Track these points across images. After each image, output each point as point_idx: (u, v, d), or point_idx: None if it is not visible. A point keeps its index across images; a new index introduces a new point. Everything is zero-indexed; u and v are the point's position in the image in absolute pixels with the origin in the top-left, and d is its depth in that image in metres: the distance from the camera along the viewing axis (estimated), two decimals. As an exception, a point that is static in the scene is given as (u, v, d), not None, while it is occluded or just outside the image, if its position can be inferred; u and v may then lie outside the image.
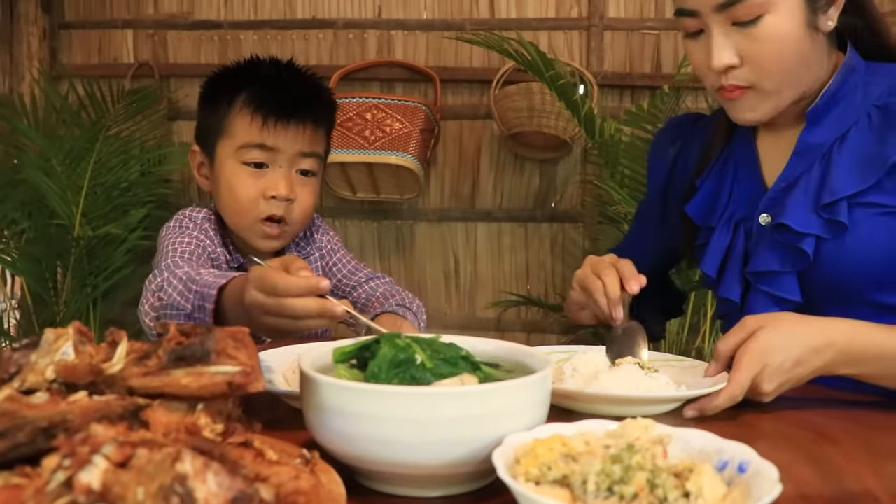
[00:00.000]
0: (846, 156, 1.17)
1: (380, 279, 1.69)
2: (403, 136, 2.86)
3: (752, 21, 1.12)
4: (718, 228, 1.30)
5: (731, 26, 1.14)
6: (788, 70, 1.16)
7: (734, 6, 1.12)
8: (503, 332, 3.20)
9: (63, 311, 2.94)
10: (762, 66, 1.15)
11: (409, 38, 3.19)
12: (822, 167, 1.19)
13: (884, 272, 1.15)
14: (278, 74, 1.55)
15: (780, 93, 1.18)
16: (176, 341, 0.69)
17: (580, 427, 0.71)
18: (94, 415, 0.60)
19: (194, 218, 1.53)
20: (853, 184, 1.15)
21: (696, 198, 1.34)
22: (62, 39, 3.37)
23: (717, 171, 1.34)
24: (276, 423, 0.87)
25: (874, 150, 1.16)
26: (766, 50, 1.14)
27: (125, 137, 3.08)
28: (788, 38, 1.13)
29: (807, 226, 1.16)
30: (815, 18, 1.15)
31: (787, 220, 1.17)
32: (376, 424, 0.67)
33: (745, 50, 1.15)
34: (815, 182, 1.18)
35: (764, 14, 1.12)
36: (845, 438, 0.91)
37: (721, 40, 1.15)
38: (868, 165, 1.15)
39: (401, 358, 0.77)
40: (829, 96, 1.21)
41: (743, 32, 1.14)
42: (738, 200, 1.30)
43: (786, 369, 0.99)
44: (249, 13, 3.26)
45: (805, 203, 1.18)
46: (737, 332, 1.03)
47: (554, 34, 3.13)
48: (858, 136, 1.18)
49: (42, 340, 0.70)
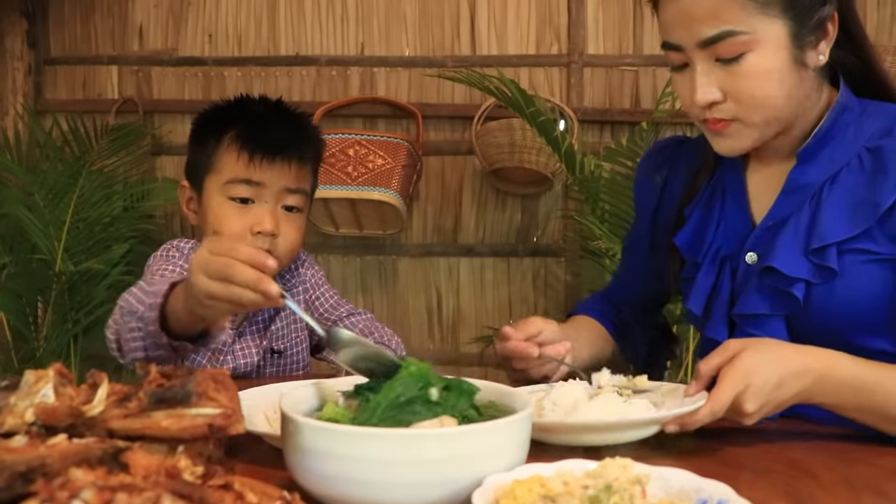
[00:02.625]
0: (837, 199, 1.16)
1: (360, 315, 1.70)
2: (386, 172, 2.87)
3: (736, 58, 1.11)
4: (704, 265, 1.28)
5: (715, 62, 1.13)
6: (773, 106, 1.15)
7: (717, 43, 1.11)
8: (486, 368, 3.19)
9: (43, 347, 2.92)
10: (745, 103, 1.14)
11: (391, 74, 3.22)
12: (812, 209, 1.18)
13: (870, 318, 1.14)
14: (266, 112, 1.57)
15: (764, 126, 1.17)
16: (157, 383, 0.69)
17: (559, 467, 0.72)
18: (74, 458, 0.60)
19: (181, 248, 1.54)
20: (843, 230, 1.14)
21: (685, 228, 1.33)
22: (47, 75, 3.38)
23: (706, 201, 1.33)
24: (256, 462, 0.87)
25: (865, 194, 1.14)
26: (749, 86, 1.13)
27: (108, 173, 3.09)
28: (772, 75, 1.13)
29: (796, 270, 1.15)
30: (801, 55, 1.14)
31: (776, 264, 1.16)
32: (356, 466, 0.67)
33: (728, 86, 1.14)
34: (805, 224, 1.17)
35: (747, 52, 1.11)
36: (825, 473, 0.91)
37: (704, 76, 1.14)
38: (858, 211, 1.14)
39: (401, 401, 0.78)
40: (821, 135, 1.20)
41: (726, 69, 1.13)
42: (724, 235, 1.28)
43: (767, 391, 0.99)
44: (233, 50, 3.29)
45: (794, 246, 1.17)
46: (719, 353, 1.03)
47: (534, 70, 3.17)
48: (849, 178, 1.17)
49: (22, 382, 0.70)
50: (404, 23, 3.22)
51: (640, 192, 1.49)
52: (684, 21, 1.13)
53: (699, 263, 1.29)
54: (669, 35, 1.17)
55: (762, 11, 1.10)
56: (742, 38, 1.10)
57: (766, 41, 1.11)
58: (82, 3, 3.35)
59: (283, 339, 1.60)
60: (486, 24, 3.19)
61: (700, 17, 1.11)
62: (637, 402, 1.02)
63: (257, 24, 3.27)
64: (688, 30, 1.13)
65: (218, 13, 3.28)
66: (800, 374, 1.02)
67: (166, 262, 1.48)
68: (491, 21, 3.18)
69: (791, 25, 1.12)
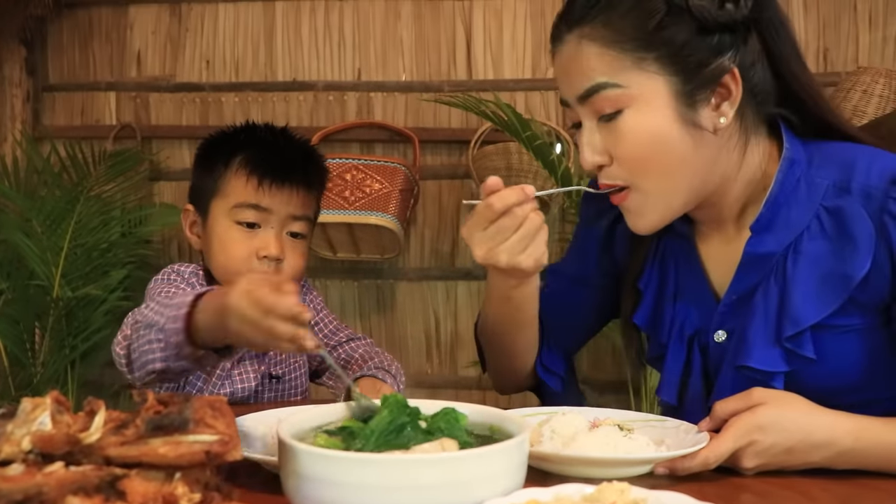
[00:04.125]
0: (804, 272, 1.08)
1: (360, 340, 1.70)
2: (383, 196, 2.88)
3: (613, 116, 1.06)
4: (671, 346, 1.21)
5: (598, 121, 1.08)
6: (665, 170, 1.07)
7: (591, 97, 1.06)
8: (485, 391, 3.18)
9: (41, 373, 2.91)
10: (629, 165, 1.08)
11: (388, 99, 3.24)
12: (780, 285, 1.09)
13: (856, 382, 1.09)
14: (274, 139, 1.60)
15: (664, 196, 1.09)
16: (154, 410, 0.69)
17: (556, 492, 0.72)
18: (71, 486, 0.60)
19: (182, 272, 1.55)
20: (815, 310, 1.06)
21: (643, 305, 1.25)
22: (45, 101, 3.40)
23: (658, 271, 1.25)
24: (254, 488, 0.87)
25: (833, 265, 1.06)
26: (630, 147, 1.06)
27: (106, 198, 3.09)
28: (655, 134, 1.05)
29: (772, 364, 1.08)
30: (692, 114, 1.05)
31: (751, 363, 1.09)
32: (354, 492, 0.67)
33: (611, 147, 1.08)
34: (774, 306, 1.09)
35: (623, 108, 1.05)
36: (823, 495, 0.91)
37: (588, 136, 1.10)
38: (828, 284, 1.06)
39: (394, 427, 0.78)
40: (772, 201, 1.11)
41: (608, 128, 1.07)
42: (685, 310, 1.21)
43: (773, 453, 0.96)
44: (231, 76, 3.30)
45: (765, 335, 1.09)
46: (741, 399, 1.00)
47: (530, 94, 3.19)
48: (812, 246, 1.08)
49: (19, 410, 0.70)
50: (401, 48, 3.24)
51: (584, 230, 1.39)
52: (565, 76, 1.11)
53: (665, 344, 1.23)
54: (560, 90, 1.14)
55: (637, 66, 1.04)
56: (614, 91, 1.05)
57: (644, 98, 1.05)
58: (80, 30, 3.37)
59: (281, 364, 1.60)
60: (481, 49, 3.21)
61: (576, 71, 1.08)
62: (637, 437, 1.00)
63: (254, 50, 3.29)
64: (568, 85, 1.10)
65: (215, 40, 3.31)
66: (820, 446, 0.97)
67: (168, 285, 1.49)
68: (487, 46, 3.21)
69: (674, 82, 1.04)
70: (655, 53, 1.04)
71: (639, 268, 1.27)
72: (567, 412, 1.09)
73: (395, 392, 1.25)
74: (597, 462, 0.94)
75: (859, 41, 3.04)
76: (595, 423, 1.06)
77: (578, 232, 1.42)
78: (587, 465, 0.94)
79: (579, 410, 1.11)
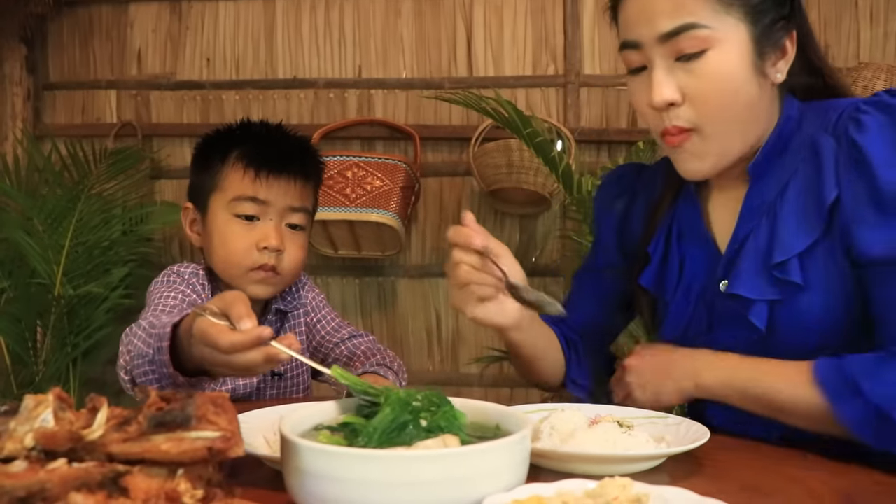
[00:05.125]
0: (790, 208, 1.13)
1: (362, 337, 1.70)
2: (384, 193, 2.88)
3: (696, 55, 1.09)
4: (674, 303, 1.25)
5: (675, 61, 1.10)
6: (733, 114, 1.11)
7: (678, 36, 1.08)
8: (486, 388, 3.19)
9: (42, 371, 2.92)
10: (705, 106, 1.11)
11: (388, 96, 3.24)
12: (769, 224, 1.14)
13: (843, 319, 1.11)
14: (269, 133, 1.61)
15: (725, 140, 1.13)
16: (156, 407, 0.69)
17: (559, 487, 0.72)
18: (74, 483, 0.60)
19: (181, 273, 1.55)
20: (801, 239, 1.10)
21: (649, 268, 1.29)
22: (46, 100, 3.40)
23: (665, 237, 1.29)
24: (256, 484, 0.87)
25: (812, 194, 1.11)
26: (709, 87, 1.10)
27: (107, 197, 3.10)
28: (734, 77, 1.09)
29: (760, 292, 1.12)
30: (762, 64, 1.11)
31: (739, 291, 1.13)
32: (356, 488, 0.67)
33: (687, 86, 1.10)
34: (764, 241, 1.14)
35: (708, 49, 1.08)
36: (824, 490, 0.91)
37: (663, 75, 1.11)
38: (810, 213, 1.10)
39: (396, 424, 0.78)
40: (769, 149, 1.17)
41: (686, 68, 1.09)
42: (691, 269, 1.25)
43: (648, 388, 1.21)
44: (231, 73, 3.31)
45: (754, 266, 1.13)
46: None
47: (531, 91, 3.19)
48: (797, 184, 1.13)
49: (21, 407, 0.70)
50: (401, 45, 3.24)
51: (601, 220, 1.45)
52: (646, 15, 1.11)
53: (668, 301, 1.26)
54: (629, 33, 1.14)
55: (726, 11, 1.08)
56: (704, 32, 1.08)
57: (728, 41, 1.09)
58: (81, 28, 3.38)
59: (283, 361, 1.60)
60: (482, 46, 3.21)
61: (661, 11, 1.09)
62: (637, 434, 0.99)
63: (255, 47, 3.29)
64: (648, 24, 1.11)
65: (216, 37, 3.31)
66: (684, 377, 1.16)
67: (167, 287, 1.49)
68: (487, 43, 3.21)
69: (754, 32, 1.10)
70: (741, 2, 1.10)
71: (650, 235, 1.31)
72: (566, 409, 1.09)
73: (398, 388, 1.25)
74: (594, 459, 0.94)
75: (860, 37, 3.04)
76: (595, 419, 1.06)
77: (595, 225, 1.47)
78: (585, 462, 0.94)
79: (579, 407, 1.11)
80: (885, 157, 1.05)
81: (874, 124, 1.07)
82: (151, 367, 1.15)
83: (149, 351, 1.17)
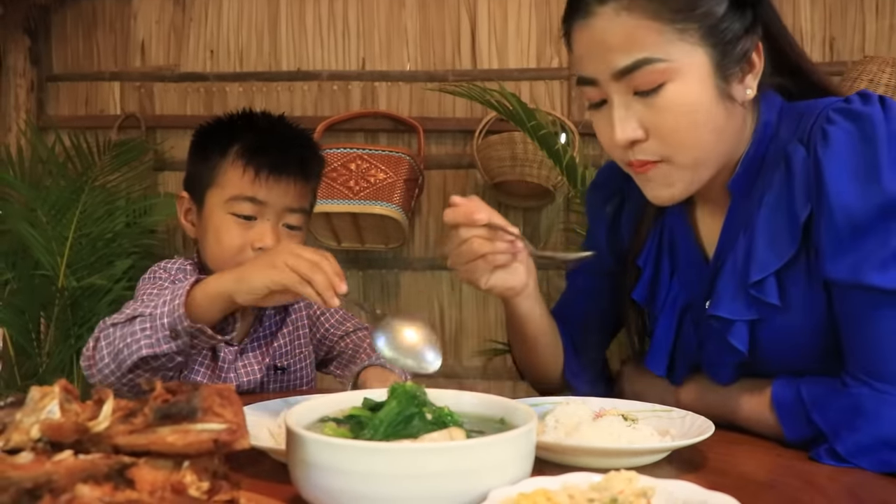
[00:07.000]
0: (763, 224, 1.07)
1: (366, 330, 1.70)
2: (388, 186, 2.88)
3: (655, 90, 1.03)
4: (661, 319, 1.22)
5: (633, 96, 1.05)
6: (701, 143, 1.06)
7: (633, 73, 1.03)
8: (490, 381, 3.19)
9: (46, 363, 2.92)
10: (669, 140, 1.05)
11: (392, 89, 3.24)
12: (746, 241, 1.09)
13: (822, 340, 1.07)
14: (271, 128, 1.57)
15: (695, 167, 1.08)
16: (162, 399, 0.69)
17: (564, 480, 0.72)
18: (80, 474, 0.60)
19: (168, 269, 1.54)
20: (777, 256, 1.05)
21: (641, 281, 1.25)
22: (49, 91, 3.40)
23: (656, 247, 1.25)
24: (261, 477, 0.87)
25: (786, 210, 1.05)
26: (671, 121, 1.04)
27: (111, 188, 3.10)
28: (696, 107, 1.04)
29: (738, 312, 1.08)
30: (727, 87, 1.05)
31: (719, 312, 1.09)
32: (362, 480, 0.67)
33: (649, 122, 1.05)
34: (741, 259, 1.09)
35: (666, 82, 1.02)
36: (830, 485, 0.91)
37: (622, 112, 1.05)
38: (785, 230, 1.05)
39: (402, 417, 0.78)
40: (748, 163, 1.12)
41: (646, 102, 1.04)
42: (680, 283, 1.22)
43: None
44: (235, 65, 3.30)
45: (731, 285, 1.09)
46: None
47: (535, 84, 3.18)
48: (770, 199, 1.08)
49: (27, 398, 0.70)
50: (405, 37, 3.24)
51: (592, 223, 1.42)
52: (598, 51, 1.06)
53: (657, 316, 1.23)
54: (583, 68, 1.09)
55: (681, 38, 1.02)
56: (660, 66, 1.02)
57: (686, 70, 1.03)
58: (84, 20, 3.37)
59: (286, 355, 1.60)
60: (486, 39, 3.20)
61: (613, 45, 1.03)
62: (642, 427, 0.99)
63: (259, 39, 3.29)
64: (602, 60, 1.05)
65: (219, 29, 3.30)
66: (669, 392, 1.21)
67: (153, 284, 1.49)
68: (491, 35, 3.20)
69: (713, 55, 1.04)
70: (697, 24, 1.03)
71: (640, 246, 1.27)
72: (571, 402, 1.09)
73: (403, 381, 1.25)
74: (599, 452, 0.94)
75: (866, 30, 3.03)
76: (599, 413, 1.05)
77: (589, 226, 1.44)
78: (590, 456, 0.94)
79: (583, 400, 1.11)
80: (841, 181, 1.00)
81: (839, 137, 1.02)
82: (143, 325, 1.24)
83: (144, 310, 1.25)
